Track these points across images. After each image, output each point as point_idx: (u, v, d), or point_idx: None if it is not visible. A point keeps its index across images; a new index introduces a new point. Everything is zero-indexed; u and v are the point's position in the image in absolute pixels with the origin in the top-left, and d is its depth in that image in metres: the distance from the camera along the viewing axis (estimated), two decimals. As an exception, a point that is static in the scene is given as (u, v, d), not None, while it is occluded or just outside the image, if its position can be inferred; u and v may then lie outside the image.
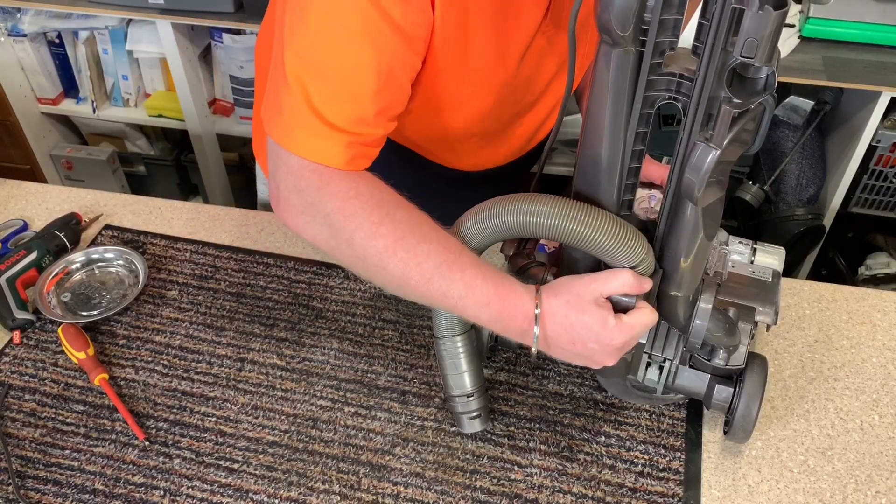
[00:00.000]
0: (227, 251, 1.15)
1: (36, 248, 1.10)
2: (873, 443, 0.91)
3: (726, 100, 0.62)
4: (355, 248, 0.75)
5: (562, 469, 0.88)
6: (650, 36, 0.62)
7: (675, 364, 0.87)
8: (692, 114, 0.65)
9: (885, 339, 1.02)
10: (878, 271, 2.06)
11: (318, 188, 0.75)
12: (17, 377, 0.99)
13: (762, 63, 0.58)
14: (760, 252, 0.93)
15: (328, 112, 0.73)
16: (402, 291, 0.78)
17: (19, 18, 2.10)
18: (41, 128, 2.32)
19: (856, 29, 1.75)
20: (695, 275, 0.77)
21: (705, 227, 0.72)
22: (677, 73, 0.65)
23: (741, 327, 0.85)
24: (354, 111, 0.74)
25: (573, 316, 0.74)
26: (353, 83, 0.73)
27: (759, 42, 0.57)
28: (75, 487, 0.87)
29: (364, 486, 0.87)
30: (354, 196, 0.75)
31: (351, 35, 0.71)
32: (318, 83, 0.73)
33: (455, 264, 0.75)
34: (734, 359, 0.85)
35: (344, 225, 0.75)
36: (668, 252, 0.76)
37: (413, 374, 0.98)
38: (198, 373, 0.99)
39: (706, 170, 0.65)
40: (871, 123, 1.78)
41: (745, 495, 0.86)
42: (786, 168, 2.00)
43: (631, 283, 0.74)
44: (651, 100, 0.68)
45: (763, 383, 0.85)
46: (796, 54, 1.76)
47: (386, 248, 0.74)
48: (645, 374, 0.89)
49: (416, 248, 0.74)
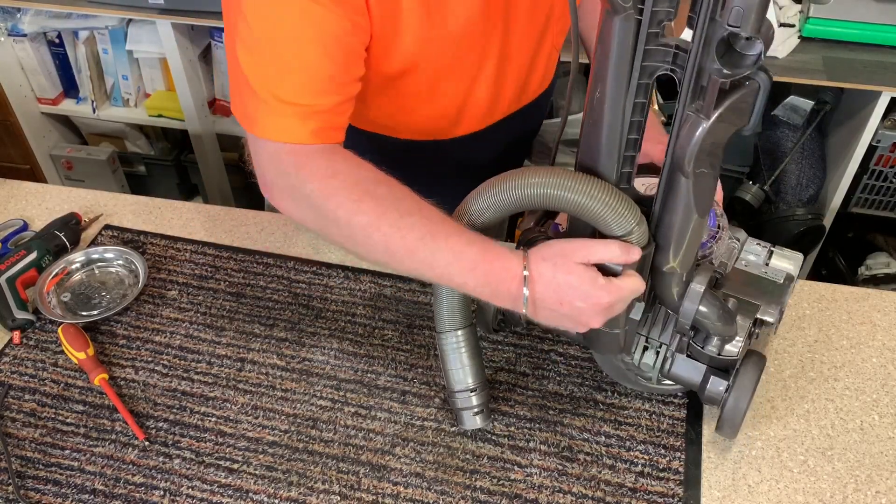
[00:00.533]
0: (227, 251, 1.15)
1: (36, 248, 1.10)
2: (873, 443, 0.91)
3: (716, 71, 0.63)
4: (341, 227, 0.77)
5: (562, 469, 0.88)
6: (647, 5, 0.63)
7: (671, 350, 0.88)
8: (686, 85, 0.66)
9: (885, 339, 1.02)
10: (878, 271, 2.06)
11: (297, 169, 0.78)
12: (17, 377, 0.99)
13: (750, 33, 0.59)
14: (777, 255, 0.94)
15: (282, 91, 0.77)
16: (392, 265, 0.79)
17: (19, 18, 2.10)
18: (41, 128, 2.32)
19: (856, 29, 1.75)
20: (688, 252, 0.78)
21: (696, 203, 0.73)
22: (674, 44, 0.66)
23: (740, 321, 0.85)
24: (306, 84, 0.78)
25: (560, 276, 0.75)
26: (299, 58, 0.77)
27: (746, 11, 0.57)
28: (75, 487, 0.87)
29: (364, 486, 0.87)
30: (332, 175, 0.77)
31: (285, 13, 0.75)
32: (268, 68, 0.77)
33: (439, 234, 0.76)
34: (728, 349, 0.85)
35: (326, 204, 0.77)
36: (662, 226, 0.77)
37: (413, 374, 0.98)
38: (198, 373, 0.99)
39: (696, 141, 0.66)
40: (871, 123, 1.78)
41: (745, 495, 0.86)
42: (786, 168, 1.99)
43: (619, 252, 0.75)
44: (649, 70, 0.68)
45: (756, 380, 0.85)
46: (796, 54, 1.76)
47: (369, 224, 0.76)
48: (641, 359, 0.90)
49: (399, 222, 0.75)
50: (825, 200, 1.99)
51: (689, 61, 0.65)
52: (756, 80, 0.65)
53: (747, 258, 0.93)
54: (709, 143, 0.67)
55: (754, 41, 0.61)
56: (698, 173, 0.70)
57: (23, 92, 2.21)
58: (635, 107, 0.71)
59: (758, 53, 0.61)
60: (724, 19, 0.59)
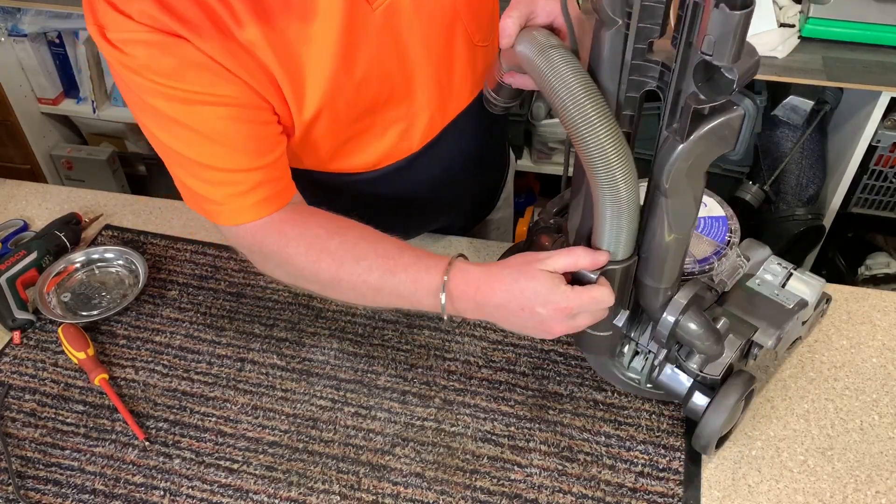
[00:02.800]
0: (227, 251, 1.15)
1: (36, 248, 1.10)
2: (873, 443, 0.91)
3: (692, 95, 0.63)
4: (312, 283, 0.85)
5: (562, 469, 0.88)
6: (633, 19, 0.63)
7: (659, 359, 0.87)
8: (666, 105, 0.66)
9: (885, 339, 1.02)
10: (878, 271, 2.06)
11: (259, 247, 0.85)
12: (17, 377, 0.99)
13: (723, 62, 0.58)
14: (796, 279, 0.92)
15: (211, 179, 0.82)
16: (366, 304, 0.86)
17: (19, 18, 2.10)
18: (41, 128, 2.32)
19: (856, 29, 1.75)
20: (671, 267, 0.77)
21: (674, 222, 0.72)
22: (660, 61, 0.66)
23: (731, 339, 0.84)
24: (232, 166, 0.81)
25: (522, 282, 0.75)
26: (214, 150, 0.80)
27: (718, 41, 0.57)
28: (75, 487, 0.87)
29: (364, 486, 0.87)
30: (286, 244, 0.83)
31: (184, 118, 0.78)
32: (192, 167, 0.82)
33: (396, 268, 0.80)
34: (711, 367, 0.84)
35: (292, 269, 0.84)
36: (644, 241, 0.77)
37: (413, 374, 0.98)
38: (198, 373, 0.99)
39: (671, 161, 0.66)
40: (871, 123, 1.78)
41: (745, 495, 0.86)
42: (786, 168, 2.00)
43: (585, 259, 0.75)
44: (636, 84, 0.68)
45: (736, 400, 0.83)
46: (796, 54, 1.76)
47: (333, 277, 0.82)
48: (630, 363, 0.89)
49: (356, 269, 0.81)
50: (825, 200, 1.99)
51: (670, 81, 0.65)
52: (742, 108, 0.64)
53: (763, 277, 0.92)
54: (687, 166, 0.67)
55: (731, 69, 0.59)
56: (677, 194, 0.70)
57: (23, 92, 2.22)
58: (623, 119, 0.70)
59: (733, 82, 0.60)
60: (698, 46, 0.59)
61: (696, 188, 0.71)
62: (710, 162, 0.68)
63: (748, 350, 0.88)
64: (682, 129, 0.65)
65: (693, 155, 0.66)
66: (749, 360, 0.89)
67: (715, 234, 0.91)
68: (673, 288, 0.80)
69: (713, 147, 0.66)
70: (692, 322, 0.79)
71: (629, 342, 0.90)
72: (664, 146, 0.67)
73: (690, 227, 0.75)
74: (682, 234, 0.75)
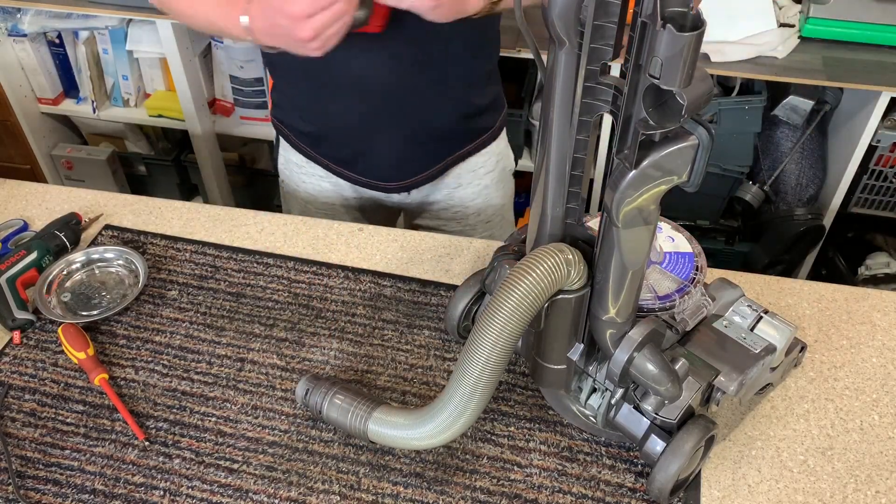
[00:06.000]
0: (227, 251, 1.15)
1: (36, 248, 1.10)
2: (873, 443, 0.91)
3: (640, 121, 0.60)
4: (173, 8, 1.06)
5: (562, 469, 0.89)
6: (585, 40, 0.61)
7: (616, 398, 0.84)
8: (617, 130, 0.65)
9: (885, 339, 1.02)
10: (878, 271, 2.07)
11: None
12: (17, 377, 0.99)
13: (673, 87, 0.56)
14: (766, 322, 0.87)
15: None
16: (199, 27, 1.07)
17: (19, 18, 2.11)
18: (41, 128, 2.32)
19: (856, 29, 1.75)
20: (626, 301, 0.75)
21: (626, 255, 0.70)
22: (613, 84, 0.64)
23: (690, 382, 0.80)
24: None
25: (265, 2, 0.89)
26: None
27: (666, 64, 0.54)
28: (75, 487, 0.87)
29: (364, 486, 0.87)
30: None
31: None
32: None
33: None
34: (666, 410, 0.81)
35: None
36: (598, 273, 0.75)
37: (413, 374, 0.98)
38: (198, 373, 0.99)
39: (621, 189, 0.64)
40: (871, 123, 1.78)
41: (745, 495, 0.86)
42: (786, 168, 2.00)
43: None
44: (589, 108, 0.66)
45: (692, 448, 0.79)
46: (796, 54, 1.76)
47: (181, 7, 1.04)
48: (587, 400, 0.88)
49: None
50: (825, 200, 2.00)
51: (621, 106, 0.63)
52: (695, 136, 0.62)
53: (732, 318, 0.87)
54: (637, 194, 0.64)
55: (681, 94, 0.57)
56: (628, 224, 0.67)
57: (23, 92, 2.22)
58: (578, 143, 0.69)
59: (682, 108, 0.57)
60: (646, 69, 0.56)
61: (649, 219, 0.68)
62: (664, 193, 0.66)
63: (709, 395, 0.84)
64: (630, 156, 0.62)
65: (643, 184, 0.64)
66: (711, 405, 0.84)
67: (679, 271, 0.86)
68: (628, 323, 0.77)
69: (665, 177, 0.64)
70: (647, 361, 0.77)
71: (586, 378, 0.87)
72: (614, 173, 0.65)
73: (643, 260, 0.73)
74: (635, 266, 0.72)
